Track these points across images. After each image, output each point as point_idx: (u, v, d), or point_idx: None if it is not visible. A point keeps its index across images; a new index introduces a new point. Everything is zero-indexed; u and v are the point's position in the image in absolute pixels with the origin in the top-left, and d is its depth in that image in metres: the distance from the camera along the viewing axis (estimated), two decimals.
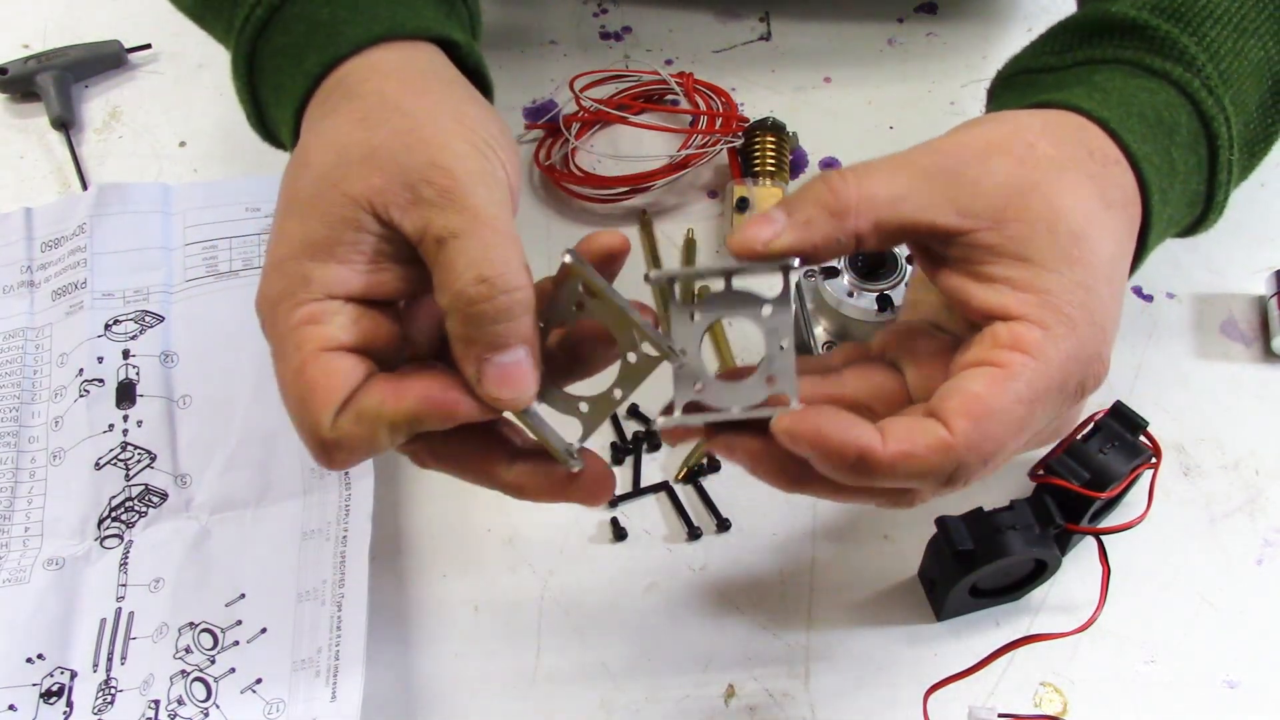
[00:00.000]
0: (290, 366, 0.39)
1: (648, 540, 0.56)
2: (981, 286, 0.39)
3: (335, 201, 0.39)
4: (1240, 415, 0.59)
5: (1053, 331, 0.38)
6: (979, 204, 0.38)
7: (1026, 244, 0.38)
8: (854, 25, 0.75)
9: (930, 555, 0.52)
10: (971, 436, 0.36)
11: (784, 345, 0.38)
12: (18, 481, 0.56)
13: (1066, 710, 0.51)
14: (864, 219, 0.38)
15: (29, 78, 0.72)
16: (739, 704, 0.52)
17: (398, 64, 0.44)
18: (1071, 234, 0.39)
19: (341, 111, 0.42)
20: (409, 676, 0.52)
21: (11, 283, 0.62)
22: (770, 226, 0.38)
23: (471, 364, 0.37)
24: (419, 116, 0.40)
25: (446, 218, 0.37)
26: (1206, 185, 0.47)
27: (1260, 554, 0.55)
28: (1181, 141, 0.45)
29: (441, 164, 0.38)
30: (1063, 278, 0.38)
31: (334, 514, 0.54)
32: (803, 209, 0.38)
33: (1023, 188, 0.39)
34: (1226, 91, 0.46)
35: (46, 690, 0.50)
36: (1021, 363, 0.37)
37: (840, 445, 0.35)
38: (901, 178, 0.39)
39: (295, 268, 0.39)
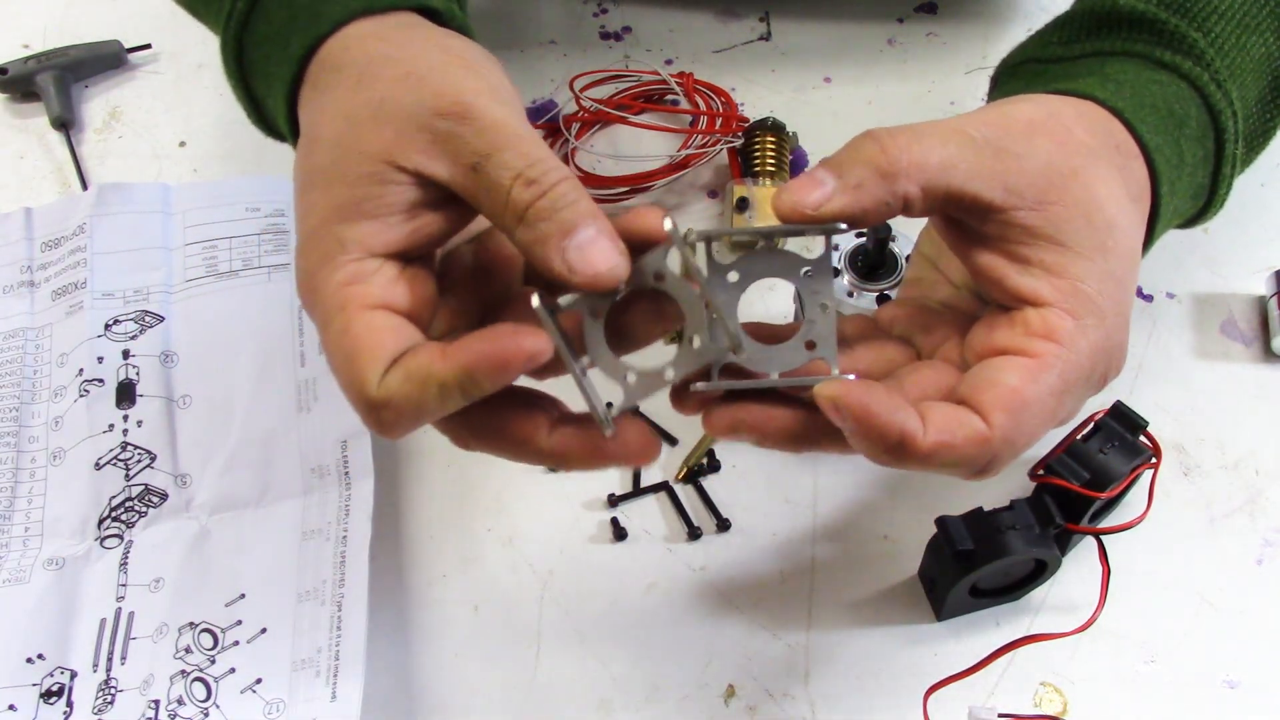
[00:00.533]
0: (334, 328, 0.38)
1: (648, 540, 0.56)
2: (1016, 268, 0.39)
3: (354, 163, 0.38)
4: (1240, 415, 0.59)
5: (1084, 322, 0.38)
6: (1023, 182, 0.38)
7: (1065, 229, 0.38)
8: (854, 25, 0.75)
9: (930, 555, 0.52)
10: (1008, 430, 0.36)
11: (825, 307, 0.37)
12: (18, 481, 0.56)
13: (1066, 710, 0.51)
14: (913, 182, 0.37)
15: (29, 78, 0.72)
16: (739, 704, 0.52)
17: (376, 28, 0.43)
18: (1107, 223, 0.39)
19: (334, 84, 0.42)
20: (409, 676, 0.52)
21: (11, 283, 0.62)
22: (819, 189, 0.37)
23: (556, 259, 0.36)
24: (409, 62, 0.40)
25: (470, 144, 0.37)
26: (1210, 178, 0.47)
27: (1260, 554, 0.55)
28: (1191, 134, 0.45)
29: (446, 94, 0.38)
30: (1095, 266, 0.38)
31: (334, 514, 0.54)
32: (852, 170, 0.37)
33: (1064, 171, 0.39)
34: (1234, 85, 0.46)
35: (46, 690, 0.50)
36: (1055, 353, 0.37)
37: (884, 425, 0.35)
38: (952, 145, 0.38)
39: (327, 233, 0.38)
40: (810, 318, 0.38)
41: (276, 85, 0.45)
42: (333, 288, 0.38)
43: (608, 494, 0.57)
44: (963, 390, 0.38)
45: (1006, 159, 0.38)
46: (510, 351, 0.35)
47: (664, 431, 0.59)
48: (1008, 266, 0.39)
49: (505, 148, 0.37)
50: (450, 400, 0.36)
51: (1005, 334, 0.38)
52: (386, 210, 0.38)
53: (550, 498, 0.57)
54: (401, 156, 0.38)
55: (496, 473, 0.58)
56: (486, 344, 0.35)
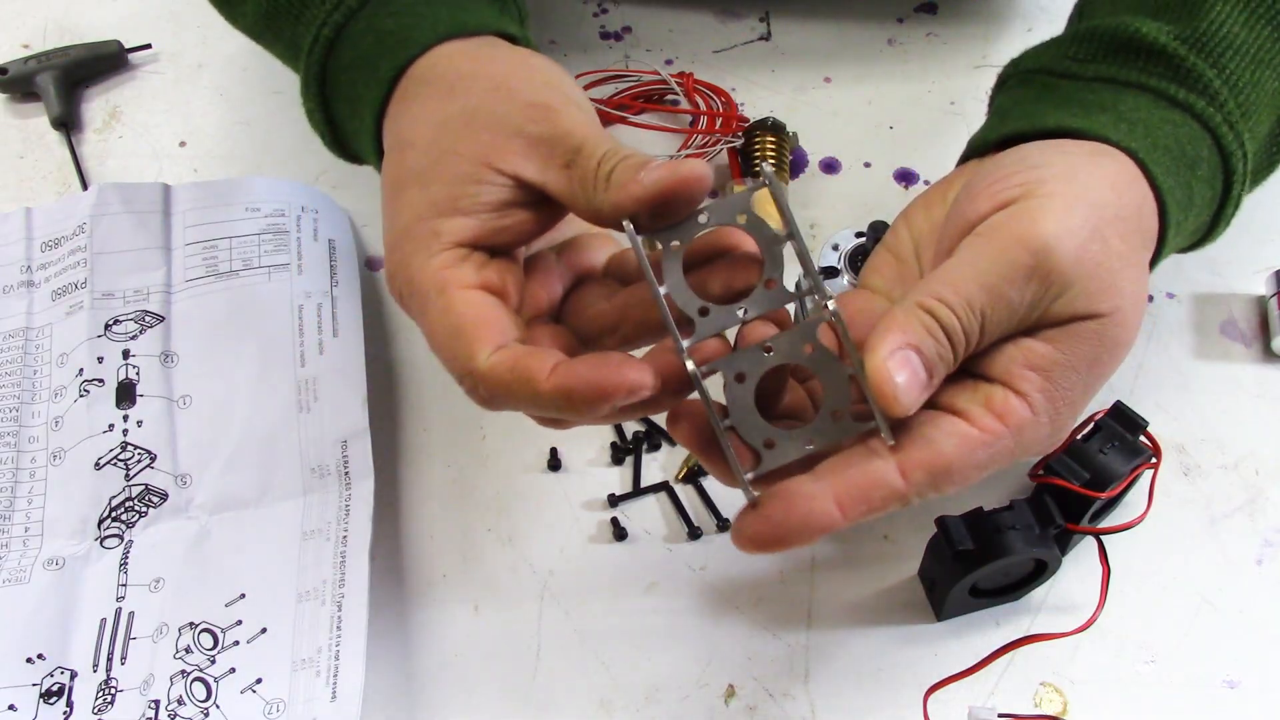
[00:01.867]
0: (437, 308, 0.40)
1: (648, 540, 0.56)
2: (1006, 350, 0.40)
3: (450, 164, 0.41)
4: (1240, 415, 0.59)
5: (1039, 419, 0.39)
6: (1050, 313, 0.40)
7: (1069, 341, 0.40)
8: (854, 25, 0.75)
9: (930, 555, 0.52)
10: (923, 487, 0.38)
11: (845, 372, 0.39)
12: (18, 481, 0.56)
13: (1066, 710, 0.51)
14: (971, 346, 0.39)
15: (29, 78, 0.72)
16: (739, 704, 0.52)
17: (464, 48, 0.46)
18: (1115, 341, 0.40)
19: (425, 94, 0.44)
20: (409, 676, 0.52)
21: (11, 283, 0.62)
22: (919, 390, 0.38)
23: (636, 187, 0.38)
24: (499, 76, 0.43)
25: (562, 145, 0.40)
26: (1213, 218, 0.48)
27: (1260, 554, 0.55)
28: (1202, 176, 0.46)
29: (537, 104, 0.41)
30: (1078, 377, 0.40)
31: (334, 514, 0.54)
32: (939, 372, 0.38)
33: (1093, 293, 0.39)
34: (1245, 125, 0.47)
35: (46, 690, 0.50)
36: (998, 434, 0.39)
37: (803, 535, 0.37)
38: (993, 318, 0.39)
39: (423, 227, 0.41)
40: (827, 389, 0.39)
41: (364, 107, 0.47)
42: (431, 272, 0.40)
43: (608, 494, 0.57)
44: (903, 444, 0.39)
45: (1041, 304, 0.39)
46: (613, 382, 0.36)
47: (664, 431, 0.59)
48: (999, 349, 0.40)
49: (592, 143, 0.40)
50: (544, 408, 0.38)
51: (963, 396, 0.40)
52: (481, 208, 0.41)
53: (550, 498, 0.57)
54: (498, 160, 0.41)
55: (497, 473, 0.58)
56: (592, 371, 0.37)
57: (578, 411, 0.37)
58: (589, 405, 0.37)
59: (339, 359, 0.58)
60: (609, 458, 0.58)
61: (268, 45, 0.57)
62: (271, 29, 0.53)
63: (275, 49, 0.56)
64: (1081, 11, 0.54)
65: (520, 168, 0.41)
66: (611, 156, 0.39)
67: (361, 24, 0.48)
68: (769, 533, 0.37)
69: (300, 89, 0.51)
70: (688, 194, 0.38)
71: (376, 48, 0.47)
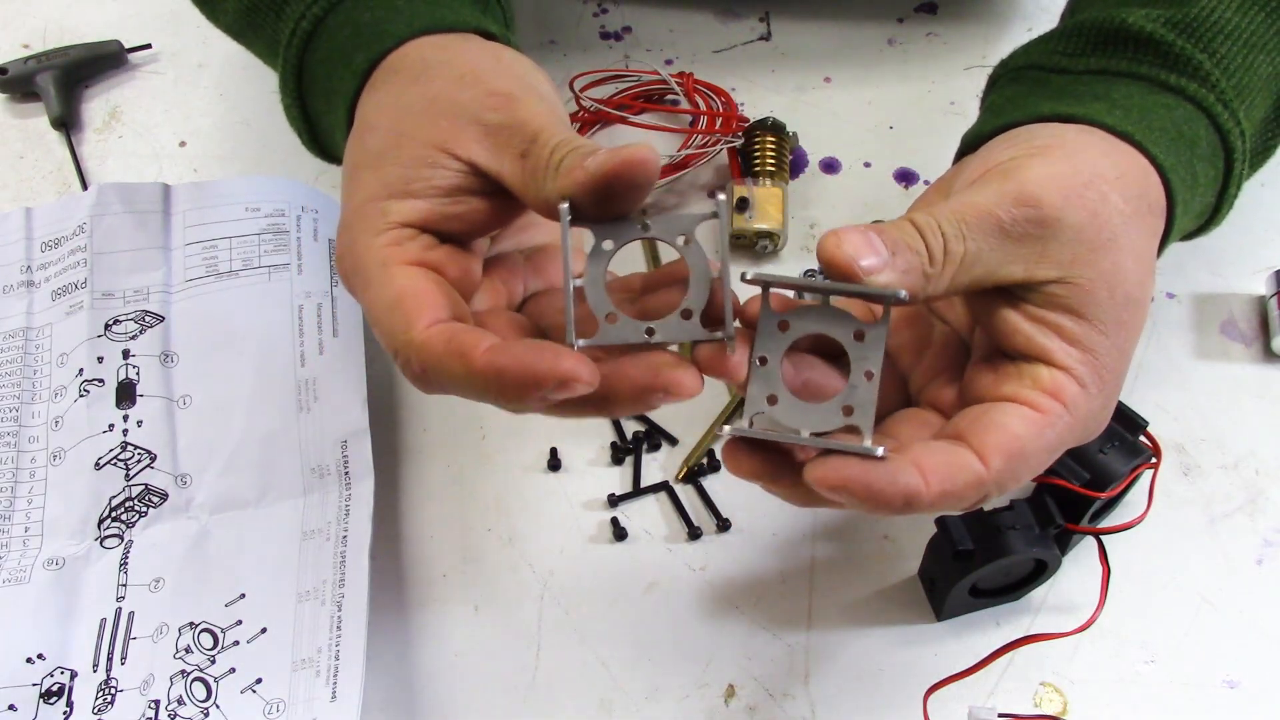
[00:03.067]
0: (377, 283, 0.39)
1: (648, 540, 0.56)
2: (1033, 327, 0.40)
3: (408, 147, 0.41)
4: (1240, 415, 0.59)
5: (1089, 390, 0.39)
6: (1049, 260, 0.39)
7: (1087, 302, 0.39)
8: (854, 25, 0.75)
9: (930, 555, 0.52)
10: (1003, 475, 0.37)
11: (870, 374, 0.38)
12: (18, 481, 0.56)
13: (1066, 710, 0.51)
14: (943, 281, 0.39)
15: (29, 78, 0.72)
16: (739, 704, 0.52)
17: (440, 41, 0.46)
18: (1128, 298, 0.40)
19: (391, 82, 0.44)
20: (409, 676, 0.52)
21: (11, 283, 0.62)
22: (875, 257, 0.37)
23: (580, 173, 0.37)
24: (465, 65, 0.43)
25: (519, 134, 0.40)
26: (1216, 196, 0.48)
27: (1260, 554, 0.55)
28: (1202, 155, 0.46)
29: (499, 92, 0.41)
30: (1109, 341, 0.39)
31: (334, 514, 0.54)
32: (903, 256, 0.38)
33: (1093, 243, 0.39)
34: (1240, 105, 0.47)
35: (46, 690, 0.50)
36: (1059, 413, 0.38)
37: (888, 495, 0.36)
38: (979, 237, 0.38)
39: (373, 208, 0.41)
40: (853, 383, 0.38)
41: (338, 99, 0.47)
42: (376, 249, 0.40)
43: (608, 494, 0.57)
44: (961, 425, 0.39)
45: (1033, 242, 0.39)
46: (545, 368, 0.35)
47: (664, 431, 0.59)
48: (1025, 324, 0.40)
49: (548, 133, 0.39)
50: (476, 388, 0.37)
51: (1013, 384, 0.39)
52: (432, 191, 0.41)
53: (550, 498, 0.57)
54: (455, 145, 0.40)
55: (496, 473, 0.58)
56: (528, 353, 0.36)
57: (509, 395, 0.36)
58: (520, 389, 0.36)
59: (339, 359, 0.58)
60: (609, 458, 0.58)
61: (248, 43, 0.56)
62: (252, 25, 0.53)
63: (256, 47, 0.56)
64: (1074, 8, 0.54)
65: (475, 154, 0.40)
66: (564, 146, 0.39)
67: (340, 17, 0.48)
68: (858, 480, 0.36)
69: (278, 84, 0.51)
70: (631, 178, 0.37)
71: (353, 40, 0.47)
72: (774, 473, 0.38)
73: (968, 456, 0.37)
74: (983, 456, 0.37)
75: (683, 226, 0.38)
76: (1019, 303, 0.40)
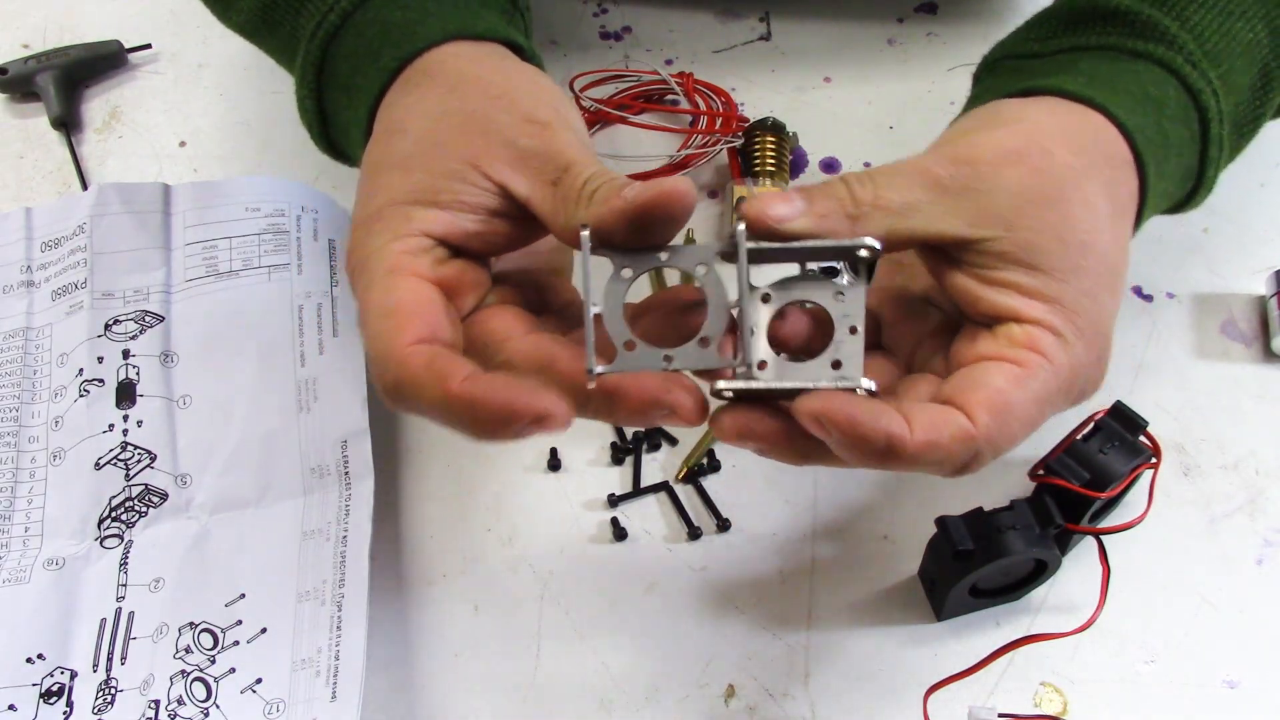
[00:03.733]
0: (380, 287, 0.39)
1: (648, 540, 0.56)
2: (990, 289, 0.39)
3: (439, 157, 0.41)
4: (1240, 415, 0.59)
5: (1065, 339, 0.39)
6: (990, 215, 0.39)
7: (1036, 253, 0.39)
8: (854, 25, 0.75)
9: (930, 555, 0.52)
10: (992, 430, 0.37)
11: (854, 329, 0.38)
12: (18, 481, 0.56)
13: (1066, 710, 0.51)
14: (875, 226, 0.39)
15: (29, 78, 0.72)
16: (739, 704, 0.52)
17: (469, 51, 0.46)
18: (1081, 244, 0.39)
19: (426, 86, 0.44)
20: (409, 676, 0.52)
21: (11, 283, 0.62)
22: (789, 206, 0.38)
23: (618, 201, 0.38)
24: (501, 85, 0.43)
25: (552, 163, 0.40)
26: (1198, 160, 0.47)
27: (1260, 554, 0.55)
28: (1172, 115, 0.45)
29: (535, 119, 0.41)
30: (1070, 287, 0.39)
31: (334, 514, 0.54)
32: (822, 202, 0.39)
33: (1036, 199, 0.39)
34: (1212, 68, 0.46)
35: (46, 690, 0.50)
36: (1039, 363, 0.38)
37: (870, 433, 0.36)
38: (917, 189, 0.39)
39: (396, 211, 0.40)
40: (838, 339, 0.38)
41: (361, 96, 0.47)
42: (390, 254, 0.39)
43: (608, 494, 0.57)
44: (947, 391, 0.38)
45: (973, 196, 0.39)
46: (522, 404, 0.35)
47: (664, 431, 0.59)
48: (982, 289, 0.40)
49: (580, 164, 0.40)
50: (447, 414, 0.37)
51: (989, 344, 0.39)
52: (461, 206, 0.41)
53: (550, 498, 0.57)
54: (487, 164, 0.41)
55: (496, 473, 0.58)
56: (506, 389, 0.36)
57: (480, 427, 0.36)
58: (493, 424, 0.36)
59: (339, 359, 0.58)
60: (609, 458, 0.58)
61: (260, 40, 0.56)
62: (269, 23, 0.53)
63: (268, 44, 0.56)
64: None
65: (507, 177, 0.41)
66: (597, 178, 0.39)
67: (369, 14, 0.48)
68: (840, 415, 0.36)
69: (295, 77, 0.51)
70: (669, 210, 0.37)
71: (381, 38, 0.47)
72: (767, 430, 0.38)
73: (954, 413, 0.37)
74: (969, 413, 0.37)
75: (701, 256, 0.39)
76: (974, 268, 0.40)
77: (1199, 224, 0.65)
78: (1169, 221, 0.54)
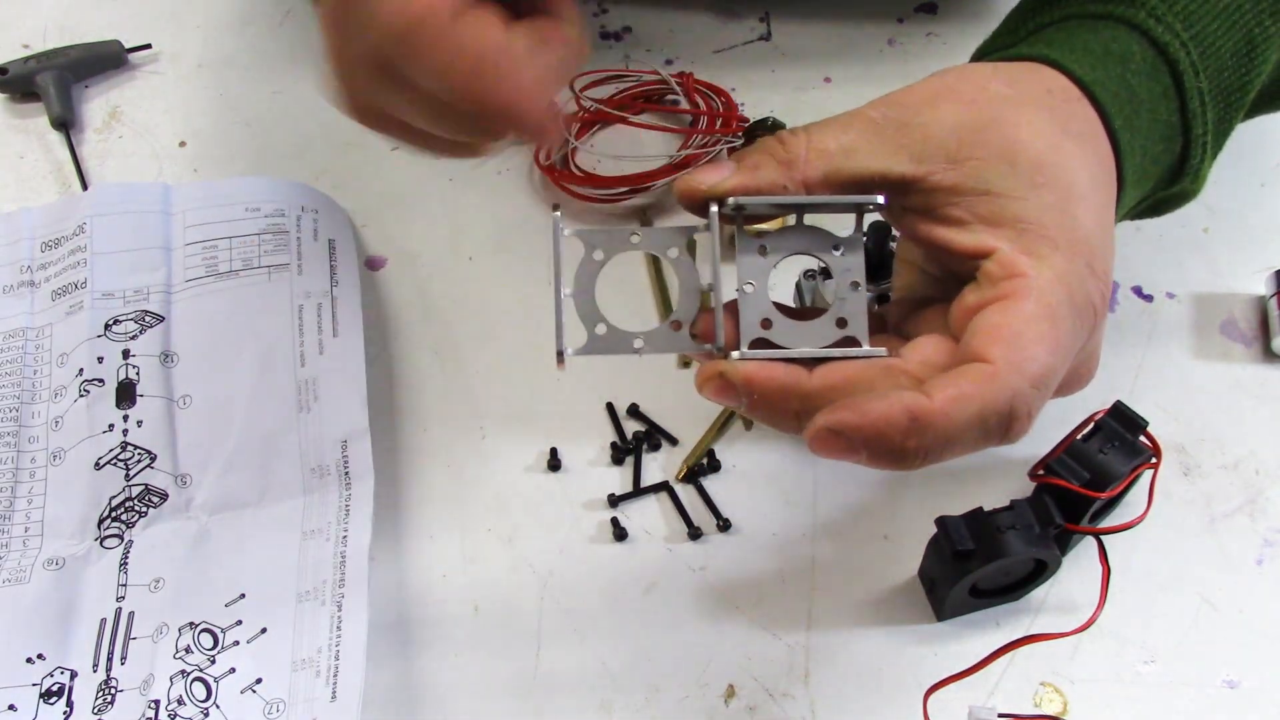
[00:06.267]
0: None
1: (648, 540, 0.56)
2: (954, 230, 0.39)
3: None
4: (1240, 415, 0.59)
5: (1038, 252, 0.38)
6: (931, 147, 0.38)
7: (986, 178, 0.38)
8: (854, 25, 0.75)
9: (930, 555, 0.52)
10: (1013, 359, 0.35)
11: (856, 285, 0.38)
12: (18, 481, 0.56)
13: (1066, 710, 0.51)
14: (813, 169, 0.38)
15: (29, 78, 0.72)
16: (739, 704, 0.52)
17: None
18: (1032, 162, 0.39)
19: None
20: (409, 676, 0.52)
21: (11, 283, 0.62)
22: (718, 171, 0.38)
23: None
24: None
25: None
26: (1180, 116, 0.47)
27: (1260, 554, 0.55)
28: (1137, 69, 0.45)
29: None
30: (1030, 203, 0.38)
31: (334, 514, 0.54)
32: (753, 157, 0.39)
33: (976, 126, 0.39)
34: (1183, 25, 0.46)
35: (46, 690, 0.50)
36: (1024, 284, 0.37)
37: (886, 415, 0.34)
38: (852, 131, 0.39)
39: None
40: (841, 295, 0.38)
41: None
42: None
43: (608, 494, 0.57)
44: (956, 359, 0.37)
45: (909, 131, 0.39)
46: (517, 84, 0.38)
47: (664, 431, 0.59)
48: (946, 231, 0.39)
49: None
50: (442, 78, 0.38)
51: (974, 295, 0.38)
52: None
53: (550, 498, 0.57)
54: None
55: (496, 473, 0.58)
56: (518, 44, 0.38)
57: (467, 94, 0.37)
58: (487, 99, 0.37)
59: (339, 359, 0.58)
60: (609, 458, 0.58)
61: None
62: None
63: None
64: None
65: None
66: None
67: None
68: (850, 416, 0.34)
69: None
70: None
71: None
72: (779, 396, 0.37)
73: (968, 365, 0.36)
74: (981, 356, 0.36)
75: (673, 239, 0.38)
76: (936, 213, 0.39)
77: (1199, 224, 0.65)
78: (1169, 221, 0.53)
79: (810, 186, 0.38)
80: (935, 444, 0.35)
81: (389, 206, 0.67)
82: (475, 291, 0.64)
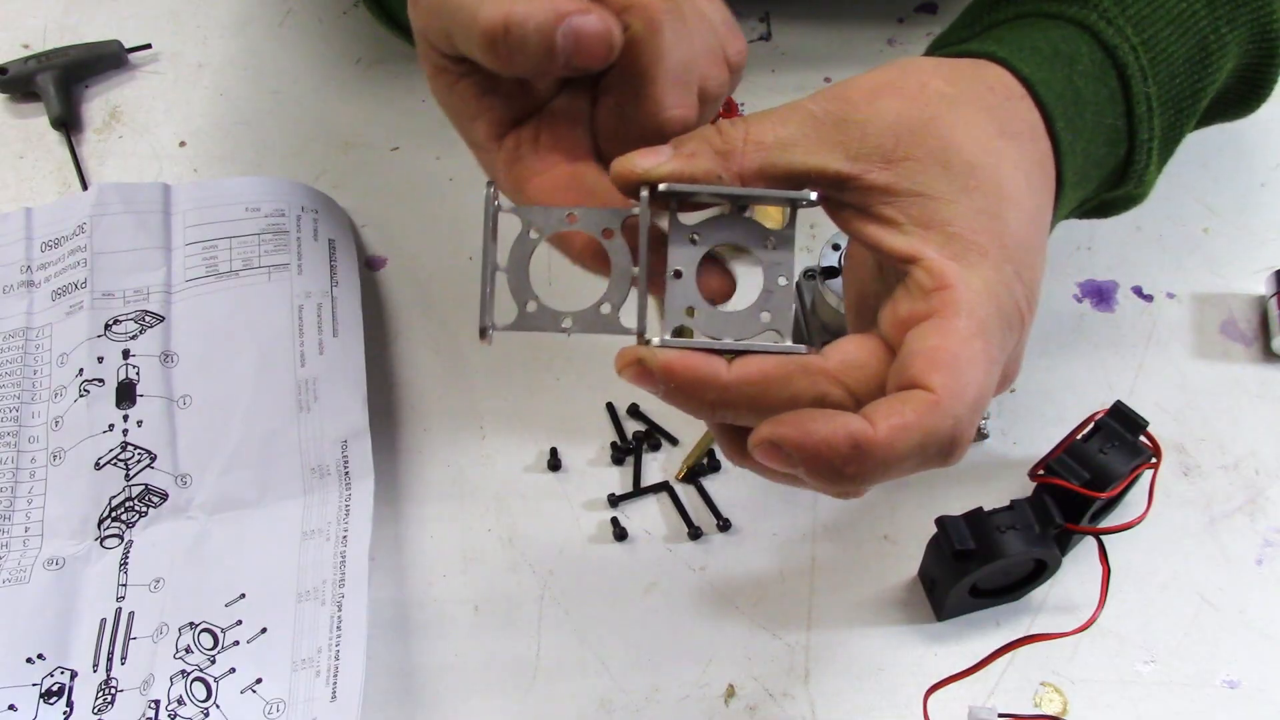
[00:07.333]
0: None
1: (648, 540, 0.56)
2: (886, 230, 0.38)
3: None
4: (1240, 415, 0.59)
5: (966, 259, 0.37)
6: (867, 145, 0.38)
7: (919, 180, 0.38)
8: (854, 25, 0.75)
9: (930, 555, 0.52)
10: (952, 386, 0.35)
11: (783, 281, 0.38)
12: (18, 481, 0.56)
13: (1066, 710, 0.51)
14: (750, 161, 0.38)
15: (29, 78, 0.72)
16: (739, 704, 0.52)
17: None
18: (966, 164, 0.38)
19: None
20: (409, 676, 0.52)
21: (11, 283, 0.62)
22: (654, 156, 0.38)
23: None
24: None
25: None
26: (1126, 120, 0.46)
27: (1260, 554, 0.55)
28: (1084, 70, 0.45)
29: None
30: (960, 207, 0.38)
31: (334, 514, 0.54)
32: (688, 144, 0.38)
33: (912, 125, 0.38)
34: (1134, 29, 0.46)
35: (46, 690, 0.50)
36: (953, 300, 0.36)
37: (829, 439, 0.34)
38: (790, 124, 0.39)
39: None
40: (768, 288, 0.38)
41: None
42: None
43: (608, 494, 0.57)
44: (892, 380, 0.37)
45: (847, 127, 0.38)
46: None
47: (664, 431, 0.59)
48: (879, 230, 0.39)
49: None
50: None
51: (905, 303, 0.38)
52: None
53: (550, 498, 0.57)
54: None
55: (496, 473, 0.58)
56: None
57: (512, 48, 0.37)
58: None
59: (339, 359, 0.58)
60: (609, 458, 0.58)
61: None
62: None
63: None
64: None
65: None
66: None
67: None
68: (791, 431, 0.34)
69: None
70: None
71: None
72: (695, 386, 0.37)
73: (909, 392, 0.35)
74: (921, 384, 0.35)
75: (609, 220, 0.38)
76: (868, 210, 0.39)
77: (1199, 224, 0.65)
78: (1169, 221, 0.54)
79: (746, 178, 0.38)
80: (874, 471, 0.35)
81: (389, 206, 0.67)
82: (475, 291, 0.64)
